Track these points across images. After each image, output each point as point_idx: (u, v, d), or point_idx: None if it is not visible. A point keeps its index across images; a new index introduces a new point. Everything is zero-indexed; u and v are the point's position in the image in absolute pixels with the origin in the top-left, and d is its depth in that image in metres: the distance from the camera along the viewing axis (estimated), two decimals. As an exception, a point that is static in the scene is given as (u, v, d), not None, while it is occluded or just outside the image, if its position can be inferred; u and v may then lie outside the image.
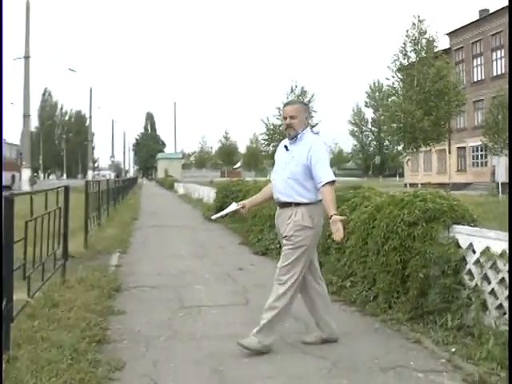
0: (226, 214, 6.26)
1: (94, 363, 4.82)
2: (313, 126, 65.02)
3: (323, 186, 5.26)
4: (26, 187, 34.05)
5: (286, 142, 5.69)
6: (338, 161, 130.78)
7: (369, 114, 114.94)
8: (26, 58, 36.26)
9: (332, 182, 5.30)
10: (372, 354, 5.28)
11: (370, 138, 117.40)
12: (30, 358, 4.68)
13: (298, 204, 5.39)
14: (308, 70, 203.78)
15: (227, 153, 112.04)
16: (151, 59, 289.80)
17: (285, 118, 5.64)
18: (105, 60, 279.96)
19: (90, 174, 63.56)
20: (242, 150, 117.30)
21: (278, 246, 10.69)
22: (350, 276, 7.50)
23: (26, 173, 36.36)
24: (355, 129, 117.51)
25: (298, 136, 5.52)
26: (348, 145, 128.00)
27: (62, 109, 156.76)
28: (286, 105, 5.73)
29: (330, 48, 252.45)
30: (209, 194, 26.05)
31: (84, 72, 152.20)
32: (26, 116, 37.17)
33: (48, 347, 5.00)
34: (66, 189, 8.45)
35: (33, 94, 39.68)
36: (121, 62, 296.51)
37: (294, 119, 5.52)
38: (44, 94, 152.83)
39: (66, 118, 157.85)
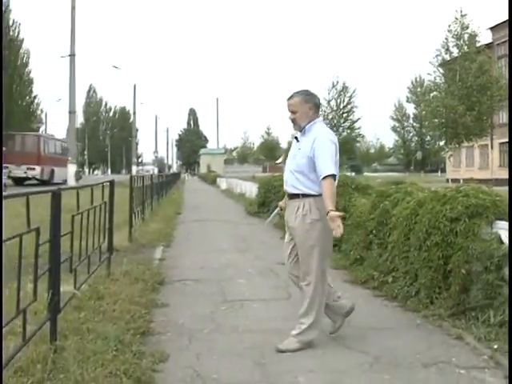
0: (274, 218, 6.31)
1: (138, 355, 4.89)
2: (354, 122, 64.78)
3: (323, 179, 5.16)
4: (71, 182, 34.57)
5: (298, 133, 5.63)
6: (379, 156, 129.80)
7: (410, 109, 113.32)
8: (72, 55, 36.78)
9: (332, 176, 5.18)
10: (414, 349, 5.27)
11: (411, 134, 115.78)
12: (76, 348, 4.77)
13: (305, 195, 5.33)
14: (349, 66, 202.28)
15: (269, 148, 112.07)
16: (194, 55, 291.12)
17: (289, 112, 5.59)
18: (148, 57, 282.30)
19: (134, 169, 64.22)
20: (284, 145, 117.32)
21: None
22: (392, 271, 7.46)
23: (72, 168, 36.88)
24: (397, 124, 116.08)
25: (306, 128, 5.45)
26: (389, 140, 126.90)
27: (106, 105, 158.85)
28: (287, 99, 5.59)
29: (371, 43, 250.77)
30: (251, 189, 26.08)
31: (128, 69, 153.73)
32: (72, 112, 37.73)
33: (94, 338, 5.10)
34: (111, 184, 8.57)
35: (78, 91, 40.28)
36: (164, 59, 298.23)
37: (295, 113, 5.47)
38: (89, 91, 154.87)
39: (111, 114, 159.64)
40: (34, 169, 39.84)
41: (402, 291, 6.99)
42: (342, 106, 64.48)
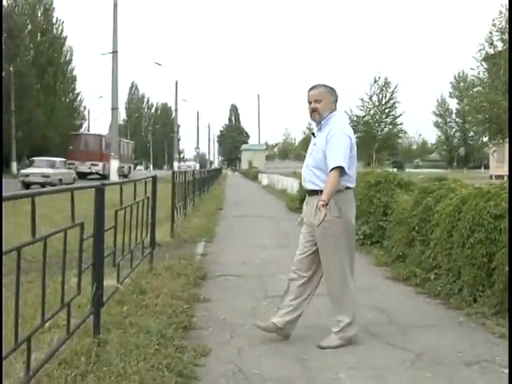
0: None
1: (180, 349, 4.92)
2: (396, 117, 64.17)
3: (330, 171, 5.07)
4: (114, 177, 34.93)
5: (315, 129, 5.56)
6: (421, 152, 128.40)
7: (453, 104, 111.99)
8: (114, 52, 37.15)
9: (340, 168, 5.06)
10: (456, 347, 5.20)
11: (454, 129, 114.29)
12: (119, 342, 4.83)
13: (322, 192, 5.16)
14: (391, 61, 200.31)
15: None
16: (235, 52, 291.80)
17: (309, 103, 5.43)
18: (190, 53, 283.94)
19: (175, 164, 64.74)
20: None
21: (362, 237, 10.65)
22: (435, 268, 7.37)
23: (115, 164, 37.30)
24: (439, 120, 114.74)
25: (323, 122, 5.34)
26: (432, 136, 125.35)
27: (148, 102, 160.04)
28: (309, 90, 5.47)
29: (413, 38, 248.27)
30: (292, 185, 26.01)
31: (170, 65, 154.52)
32: (115, 109, 38.13)
33: (136, 332, 5.15)
34: (154, 179, 8.63)
35: (120, 88, 40.87)
36: (205, 55, 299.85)
37: (319, 103, 5.35)
38: (131, 88, 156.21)
39: (153, 110, 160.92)
40: (97, 165, 48.85)
41: (445, 288, 6.91)
42: (383, 102, 64.00)
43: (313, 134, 5.57)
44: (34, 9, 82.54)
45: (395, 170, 48.44)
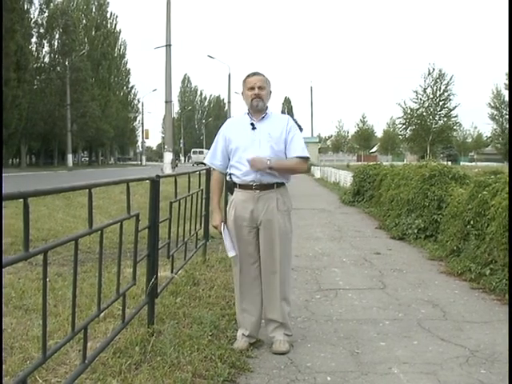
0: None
1: (233, 340, 4.96)
2: (451, 110, 63.17)
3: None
4: (168, 170, 35.18)
5: (252, 120, 5.06)
6: (476, 145, 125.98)
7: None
8: (167, 46, 37.40)
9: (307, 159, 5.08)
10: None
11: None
12: (172, 332, 4.89)
13: (280, 185, 5.07)
14: (446, 52, 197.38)
15: (364, 137, 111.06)
16: (287, 43, 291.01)
17: (252, 89, 5.03)
18: (242, 46, 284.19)
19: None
20: (379, 133, 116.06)
21: (416, 230, 10.54)
22: (490, 263, 7.25)
23: (168, 156, 37.57)
24: (495, 112, 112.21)
25: (268, 112, 5.06)
26: (487, 129, 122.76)
27: (201, 94, 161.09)
28: (254, 74, 5.09)
29: (467, 29, 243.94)
30: (345, 178, 25.91)
31: (222, 58, 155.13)
32: (168, 102, 38.36)
33: (189, 323, 5.23)
34: (208, 171, 8.67)
35: (173, 81, 41.09)
36: (256, 47, 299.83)
37: (263, 90, 5.03)
38: (184, 81, 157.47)
39: (206, 103, 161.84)
40: None
41: (501, 284, 6.79)
42: (438, 94, 63.14)
43: (252, 124, 5.04)
44: (88, 4, 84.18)
45: (449, 163, 47.77)
